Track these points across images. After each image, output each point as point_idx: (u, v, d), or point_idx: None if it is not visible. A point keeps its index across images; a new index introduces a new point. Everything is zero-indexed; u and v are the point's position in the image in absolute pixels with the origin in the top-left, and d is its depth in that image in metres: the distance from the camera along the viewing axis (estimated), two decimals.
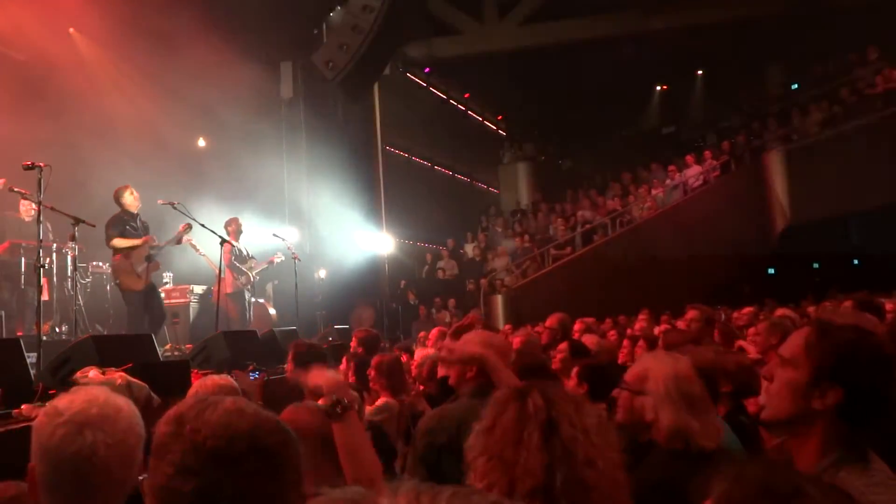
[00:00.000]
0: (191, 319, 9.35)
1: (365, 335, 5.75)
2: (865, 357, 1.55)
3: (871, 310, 4.73)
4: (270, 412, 1.18)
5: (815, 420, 1.56)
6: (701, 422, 2.09)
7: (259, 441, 1.09)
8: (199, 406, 1.14)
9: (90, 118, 9.86)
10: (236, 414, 1.12)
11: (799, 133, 15.75)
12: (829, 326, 1.69)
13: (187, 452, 1.08)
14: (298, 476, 1.13)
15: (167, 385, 3.78)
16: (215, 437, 1.09)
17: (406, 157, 18.24)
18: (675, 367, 2.19)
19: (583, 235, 14.81)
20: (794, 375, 1.59)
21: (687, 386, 2.15)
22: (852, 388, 1.53)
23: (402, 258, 16.24)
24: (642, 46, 17.14)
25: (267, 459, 1.09)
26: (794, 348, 1.62)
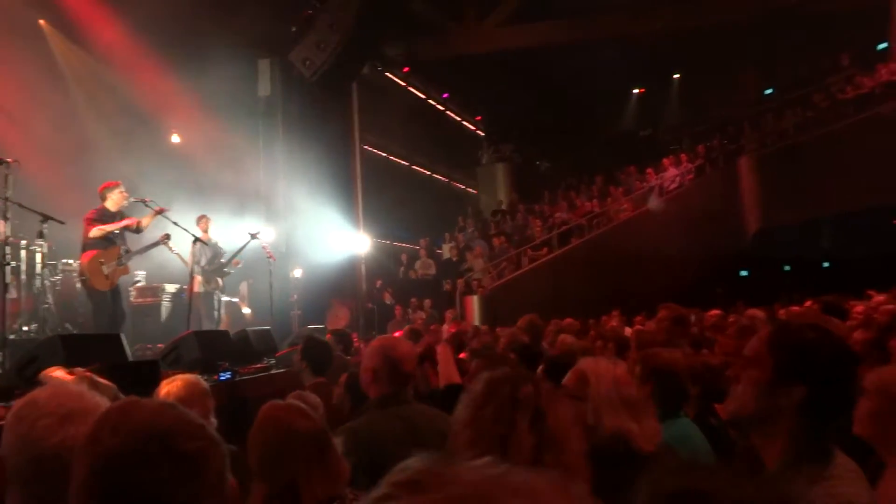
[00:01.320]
0: (162, 318, 9.22)
1: (340, 333, 5.74)
2: (826, 354, 1.59)
3: (835, 312, 4.82)
4: (196, 416, 1.17)
5: (779, 417, 1.59)
6: (640, 425, 2.11)
7: (175, 446, 1.09)
8: (124, 408, 1.14)
9: (60, 112, 9.70)
10: (157, 416, 1.12)
11: (772, 137, 15.99)
12: (790, 326, 1.77)
13: (102, 454, 1.08)
14: (218, 482, 1.12)
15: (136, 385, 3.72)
16: (129, 440, 1.08)
17: (384, 157, 18.21)
18: (614, 371, 2.21)
19: (560, 236, 14.88)
20: (758, 374, 1.63)
21: (626, 390, 2.18)
22: (814, 385, 1.56)
23: (379, 258, 16.20)
24: (620, 50, 17.31)
25: (182, 464, 1.08)
26: (758, 348, 1.66)
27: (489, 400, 1.48)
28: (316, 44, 12.14)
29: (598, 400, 2.15)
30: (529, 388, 1.49)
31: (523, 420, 1.43)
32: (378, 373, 2.67)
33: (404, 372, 2.71)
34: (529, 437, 1.42)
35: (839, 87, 15.12)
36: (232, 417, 3.39)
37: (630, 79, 20.79)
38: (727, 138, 17.06)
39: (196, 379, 2.93)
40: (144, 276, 9.59)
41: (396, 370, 2.67)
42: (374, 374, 2.68)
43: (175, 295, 9.47)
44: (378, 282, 15.08)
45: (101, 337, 5.85)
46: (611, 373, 2.21)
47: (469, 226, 17.44)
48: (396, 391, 2.66)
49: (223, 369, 5.31)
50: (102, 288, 7.05)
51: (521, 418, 1.43)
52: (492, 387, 1.50)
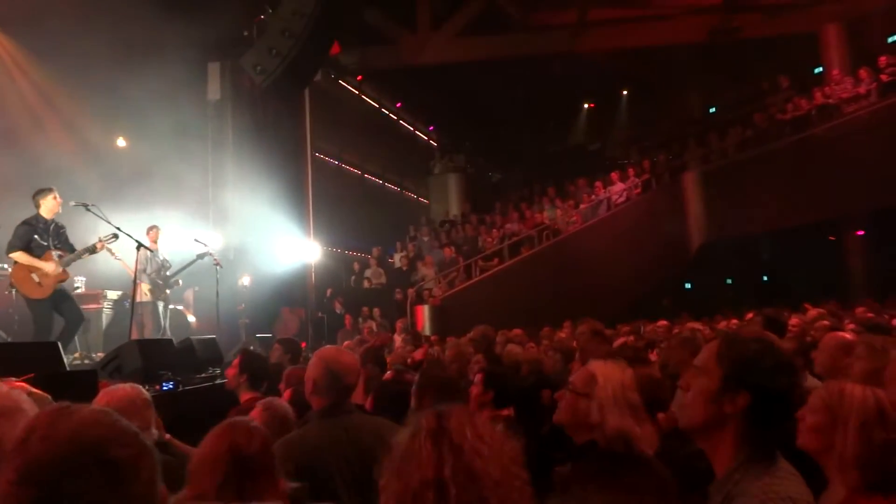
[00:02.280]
0: (104, 326, 8.93)
1: (289, 342, 5.64)
2: (769, 363, 1.68)
3: (776, 325, 5.00)
4: (129, 424, 1.16)
5: (726, 424, 1.68)
6: (641, 428, 2.18)
7: (106, 453, 1.08)
8: (55, 414, 1.13)
9: None
10: (89, 424, 1.11)
11: (715, 155, 16.51)
12: (735, 337, 1.84)
13: (31, 461, 1.07)
14: (149, 491, 1.12)
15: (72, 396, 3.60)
16: (60, 446, 1.07)
17: (336, 165, 18.10)
18: (622, 375, 2.28)
19: (510, 247, 15.02)
20: (705, 383, 1.72)
21: (630, 393, 2.27)
22: (758, 393, 1.66)
23: (330, 266, 16.05)
24: (571, 65, 17.65)
25: (112, 472, 1.08)
26: (706, 358, 1.76)
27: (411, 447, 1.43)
28: (268, 49, 11.99)
29: (604, 400, 2.21)
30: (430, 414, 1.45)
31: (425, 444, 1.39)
32: (319, 383, 2.67)
33: (346, 383, 2.71)
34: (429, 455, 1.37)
35: (778, 107, 15.72)
36: (173, 429, 3.30)
37: (580, 94, 21.23)
38: (672, 154, 17.53)
39: (137, 390, 2.85)
40: (84, 283, 9.28)
41: (338, 381, 2.68)
42: (315, 384, 2.68)
43: (117, 302, 9.19)
44: (328, 290, 14.94)
45: (37, 345, 5.63)
46: (619, 376, 2.28)
47: (424, 234, 17.45)
48: (338, 402, 2.66)
49: (166, 379, 5.18)
50: (37, 295, 6.78)
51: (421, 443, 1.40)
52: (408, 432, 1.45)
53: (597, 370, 2.34)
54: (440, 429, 1.41)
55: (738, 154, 15.86)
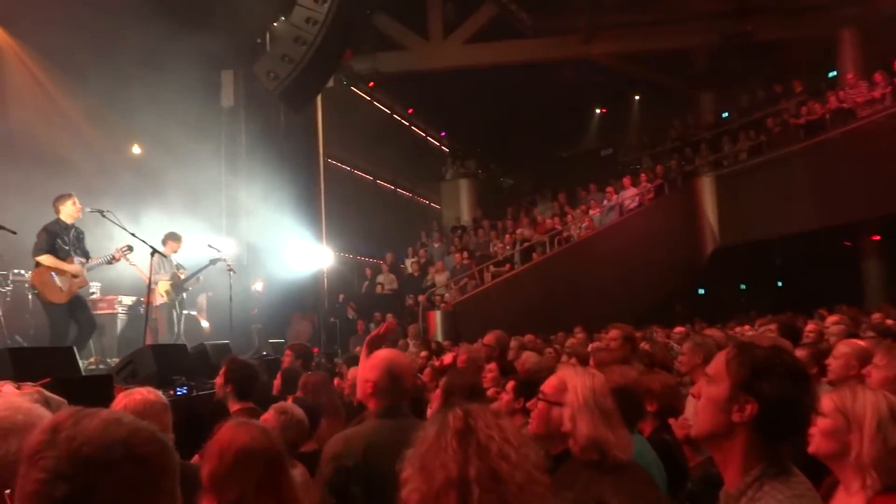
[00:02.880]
0: (118, 332, 8.99)
1: (300, 348, 5.67)
2: (779, 372, 1.64)
3: (791, 333, 4.97)
4: (148, 423, 1.19)
5: (735, 434, 1.64)
6: (615, 434, 2.15)
7: (135, 449, 1.11)
8: (76, 415, 1.15)
9: (18, 121, 9.45)
10: (113, 423, 1.14)
11: (728, 159, 16.42)
12: (747, 345, 1.80)
13: (61, 459, 1.09)
14: (174, 485, 1.15)
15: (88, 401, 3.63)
16: (90, 445, 1.09)
17: (348, 171, 18.15)
18: (593, 381, 2.27)
19: (522, 253, 15.00)
20: (715, 391, 1.68)
21: (603, 399, 2.23)
22: (767, 402, 1.62)
23: (342, 272, 16.09)
24: (582, 70, 17.64)
25: (143, 467, 1.10)
26: (717, 366, 1.73)
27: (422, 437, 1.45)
28: (281, 56, 12.07)
29: (575, 407, 2.19)
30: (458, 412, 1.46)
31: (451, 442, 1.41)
32: (379, 385, 2.70)
33: (404, 386, 2.77)
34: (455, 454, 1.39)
35: (792, 112, 15.62)
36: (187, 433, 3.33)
37: (592, 99, 21.19)
38: (685, 159, 17.46)
39: (155, 393, 2.87)
40: (99, 288, 9.37)
41: (397, 384, 2.73)
42: (375, 386, 2.71)
43: (132, 307, 9.26)
44: (341, 296, 14.98)
45: (53, 350, 5.69)
46: (589, 382, 2.26)
47: (435, 240, 17.47)
48: (396, 404, 2.71)
49: (180, 384, 5.22)
50: (58, 300, 6.86)
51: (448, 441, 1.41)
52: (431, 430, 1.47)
53: (567, 377, 2.31)
54: (467, 428, 1.41)
55: (751, 159, 15.77)
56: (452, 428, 1.41)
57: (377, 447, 2.52)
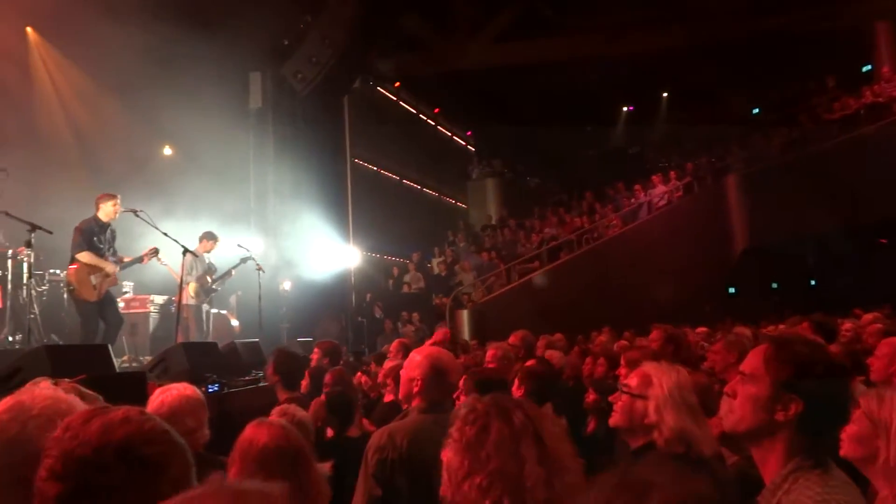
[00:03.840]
0: (150, 330, 9.13)
1: (328, 346, 5.70)
2: (822, 369, 1.61)
3: (826, 332, 4.85)
4: (161, 423, 1.19)
5: (777, 432, 1.62)
6: (701, 429, 2.14)
7: (131, 451, 1.11)
8: (88, 414, 1.17)
9: (50, 123, 9.65)
10: (118, 423, 1.15)
11: (759, 156, 16.17)
12: (785, 341, 1.76)
13: (58, 458, 1.11)
14: (174, 487, 1.13)
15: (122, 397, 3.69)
16: (85, 445, 1.11)
17: (374, 171, 18.23)
18: (678, 375, 2.27)
19: (549, 252, 14.92)
20: (754, 390, 1.65)
21: (687, 394, 2.23)
22: (811, 400, 1.59)
23: (369, 271, 16.16)
24: (610, 68, 17.49)
25: (138, 470, 1.11)
26: (754, 364, 1.68)
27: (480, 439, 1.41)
28: (308, 58, 12.18)
29: (661, 399, 2.19)
30: (520, 415, 1.44)
31: (529, 450, 1.38)
32: (425, 382, 2.74)
33: (450, 382, 2.81)
34: (539, 467, 1.37)
35: (825, 107, 15.32)
36: (219, 430, 3.36)
37: (619, 97, 21.00)
38: (715, 157, 17.23)
39: (192, 390, 2.91)
40: (132, 287, 9.52)
41: (443, 380, 2.76)
42: (421, 383, 2.74)
43: (163, 306, 9.40)
44: (368, 295, 15.04)
45: (88, 348, 5.80)
46: (674, 376, 2.25)
47: (460, 240, 17.46)
48: (441, 400, 2.74)
49: (211, 382, 5.28)
50: (90, 298, 6.99)
51: (527, 448, 1.39)
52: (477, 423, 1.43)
53: (651, 371, 2.31)
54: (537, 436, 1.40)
55: (783, 155, 15.50)
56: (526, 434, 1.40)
57: (420, 440, 2.55)
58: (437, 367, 2.76)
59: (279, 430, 2.17)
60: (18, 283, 7.68)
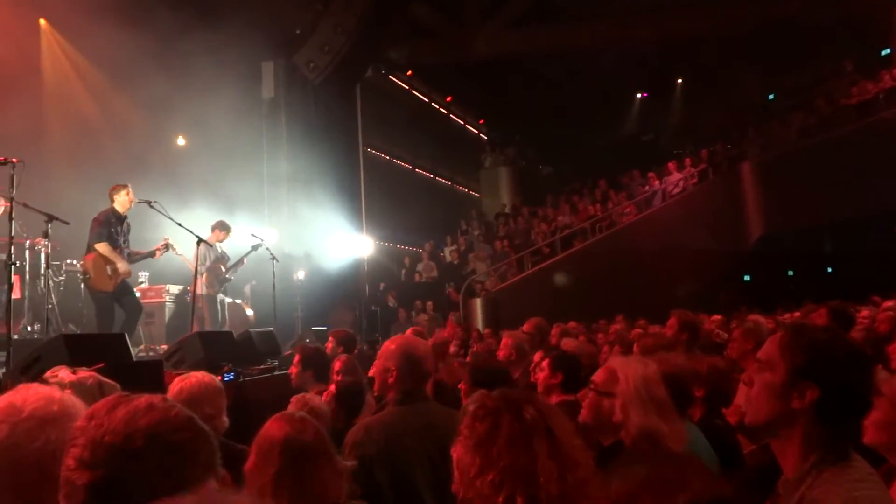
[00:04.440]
0: (166, 319, 9.22)
1: (343, 335, 5.72)
2: (839, 355, 1.57)
3: (843, 319, 4.81)
4: (184, 410, 1.19)
5: (795, 421, 1.58)
6: (668, 425, 2.11)
7: (160, 437, 1.11)
8: (113, 402, 1.17)
9: (64, 114, 9.70)
10: (143, 410, 1.14)
11: (776, 143, 15.98)
12: (802, 328, 1.73)
13: (86, 447, 1.11)
14: (204, 473, 1.14)
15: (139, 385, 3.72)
16: (114, 433, 1.10)
17: (387, 160, 18.22)
18: (644, 370, 2.23)
19: (562, 240, 14.88)
20: (771, 378, 1.62)
21: (655, 389, 2.18)
22: (828, 387, 1.55)
23: (382, 260, 16.19)
24: (623, 54, 17.32)
25: (169, 456, 1.10)
26: (770, 351, 1.65)
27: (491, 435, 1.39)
28: (320, 46, 12.16)
29: (627, 397, 2.16)
30: (532, 410, 1.42)
31: (542, 446, 1.37)
32: (399, 371, 2.71)
33: (424, 371, 2.76)
34: (551, 462, 1.36)
35: (842, 92, 15.10)
36: (235, 419, 3.39)
37: (633, 84, 20.81)
38: (730, 143, 17.05)
39: (210, 377, 2.93)
40: (148, 277, 9.60)
41: (417, 369, 2.73)
42: (396, 372, 2.71)
43: (179, 296, 9.48)
44: (381, 284, 15.07)
45: (105, 337, 5.85)
46: (641, 372, 2.21)
47: (474, 228, 17.43)
48: (416, 389, 2.71)
49: (227, 370, 5.31)
50: (105, 289, 7.06)
51: (539, 444, 1.37)
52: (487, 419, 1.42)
53: (618, 367, 2.26)
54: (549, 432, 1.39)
55: (799, 141, 15.31)
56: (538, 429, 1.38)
57: (398, 433, 2.53)
58: (411, 356, 2.72)
59: (294, 425, 2.15)
60: (36, 274, 7.77)
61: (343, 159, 13.89)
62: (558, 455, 1.36)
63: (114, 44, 9.55)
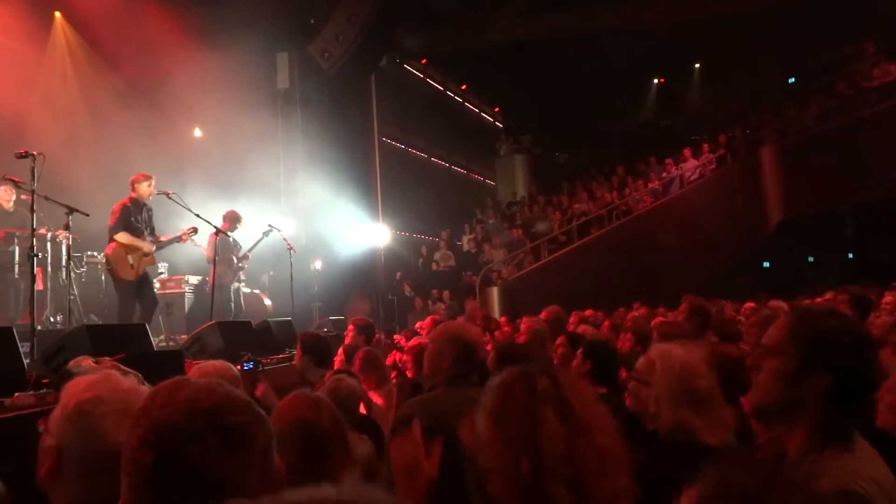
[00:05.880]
0: (186, 310, 9.32)
1: (362, 323, 5.76)
2: (849, 341, 1.56)
3: (863, 304, 4.76)
4: (243, 394, 1.21)
5: (802, 406, 1.57)
6: (705, 418, 2.05)
7: (220, 419, 1.13)
8: (174, 384, 1.18)
9: (82, 106, 9.79)
10: (204, 392, 1.16)
11: (795, 127, 15.76)
12: (811, 313, 1.70)
13: (150, 427, 1.13)
14: (264, 458, 1.16)
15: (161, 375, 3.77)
16: (177, 413, 1.12)
17: (402, 149, 18.22)
18: (682, 361, 2.15)
19: (579, 228, 14.82)
20: (780, 364, 1.60)
21: (692, 381, 2.10)
22: (839, 373, 1.54)
23: (399, 249, 16.23)
24: (639, 39, 17.12)
25: (227, 437, 1.12)
26: (778, 336, 1.63)
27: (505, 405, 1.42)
28: (334, 36, 12.16)
29: (659, 388, 2.12)
30: (545, 379, 1.43)
31: (548, 413, 1.38)
32: (446, 356, 2.74)
33: (475, 356, 2.79)
34: (559, 427, 1.37)
35: (864, 74, 14.84)
36: None
37: (649, 69, 20.57)
38: (749, 128, 16.84)
39: (227, 366, 2.97)
40: (167, 268, 9.71)
41: (468, 354, 2.75)
42: (445, 357, 2.75)
43: (197, 286, 9.58)
44: (398, 273, 15.12)
45: (127, 327, 5.94)
46: (679, 362, 2.14)
47: (489, 217, 17.40)
48: (466, 373, 2.72)
49: (246, 359, 5.37)
50: (128, 278, 7.15)
51: (546, 412, 1.39)
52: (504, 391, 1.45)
53: (656, 356, 2.20)
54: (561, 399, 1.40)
55: (819, 125, 15.09)
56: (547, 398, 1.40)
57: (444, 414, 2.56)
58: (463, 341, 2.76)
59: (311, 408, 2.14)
60: (58, 266, 7.87)
61: (358, 149, 13.92)
62: (570, 421, 1.37)
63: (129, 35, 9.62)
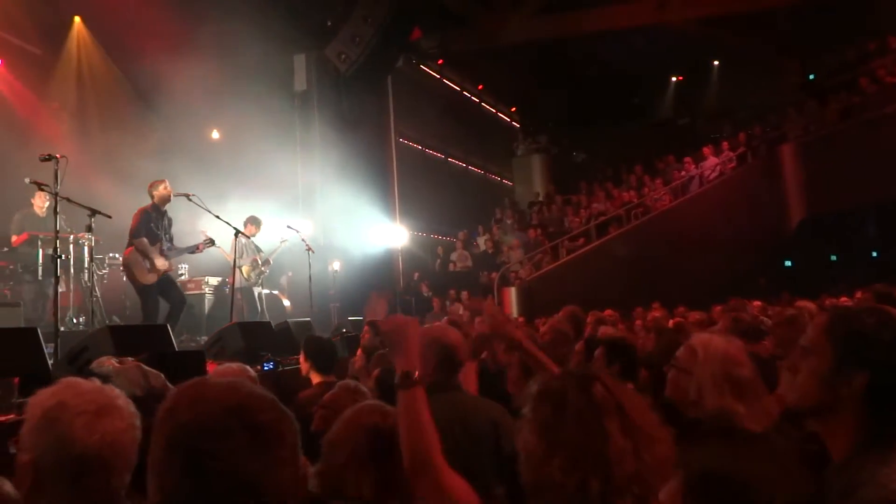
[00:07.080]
0: (206, 311, 9.40)
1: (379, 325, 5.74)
2: (888, 339, 1.53)
3: (889, 302, 4.67)
4: (267, 392, 1.20)
5: (842, 407, 1.54)
6: (747, 405, 2.06)
7: (249, 417, 1.12)
8: (198, 384, 1.18)
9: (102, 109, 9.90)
10: (230, 391, 1.16)
11: (816, 124, 15.57)
12: (847, 312, 1.68)
13: (179, 427, 1.12)
14: (292, 454, 1.16)
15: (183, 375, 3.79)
16: (206, 413, 1.12)
17: (419, 150, 18.23)
18: (725, 349, 2.16)
19: (597, 228, 14.73)
20: (817, 364, 1.57)
21: (734, 368, 2.11)
22: (878, 371, 1.51)
23: (416, 250, 16.24)
24: (657, 37, 17.01)
25: (257, 435, 1.11)
26: (816, 336, 1.61)
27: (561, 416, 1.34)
28: (351, 37, 12.20)
29: (702, 376, 2.12)
30: (600, 388, 1.37)
31: (613, 424, 1.32)
32: (427, 360, 2.65)
33: (455, 359, 2.72)
34: (625, 440, 1.31)
35: (887, 69, 14.62)
36: None
37: (668, 66, 20.42)
38: (769, 126, 16.66)
39: (244, 368, 2.98)
40: (187, 270, 9.79)
41: (447, 358, 2.68)
42: (424, 361, 2.69)
43: (218, 288, 9.65)
44: (415, 274, 15.13)
45: (149, 328, 5.99)
46: (721, 350, 2.15)
47: (507, 217, 17.37)
48: (446, 378, 2.66)
49: (266, 360, 5.40)
50: (146, 281, 7.21)
51: (609, 423, 1.32)
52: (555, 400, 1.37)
53: (698, 344, 2.21)
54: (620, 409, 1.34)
55: (841, 122, 14.88)
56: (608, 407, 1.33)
57: None
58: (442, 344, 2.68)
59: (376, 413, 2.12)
60: (80, 267, 7.97)
61: (376, 150, 13.95)
62: (632, 432, 1.32)
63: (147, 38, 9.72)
